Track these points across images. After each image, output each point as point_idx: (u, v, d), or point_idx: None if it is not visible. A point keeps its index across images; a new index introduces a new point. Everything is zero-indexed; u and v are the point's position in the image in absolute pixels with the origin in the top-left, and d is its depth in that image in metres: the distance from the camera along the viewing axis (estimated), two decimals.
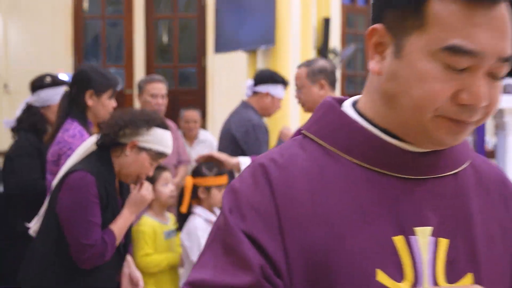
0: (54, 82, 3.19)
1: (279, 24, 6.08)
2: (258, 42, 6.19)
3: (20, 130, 3.14)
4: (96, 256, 2.34)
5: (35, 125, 3.14)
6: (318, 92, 3.16)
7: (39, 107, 3.19)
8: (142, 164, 2.52)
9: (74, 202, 2.34)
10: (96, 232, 2.35)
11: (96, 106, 2.96)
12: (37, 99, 3.18)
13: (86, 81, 2.94)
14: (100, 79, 2.96)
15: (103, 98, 2.97)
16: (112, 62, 10.11)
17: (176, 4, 9.81)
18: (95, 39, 10.14)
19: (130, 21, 9.69)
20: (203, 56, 9.61)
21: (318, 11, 9.67)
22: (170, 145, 2.62)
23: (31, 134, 3.12)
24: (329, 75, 3.17)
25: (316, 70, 3.18)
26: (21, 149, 3.09)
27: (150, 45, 9.71)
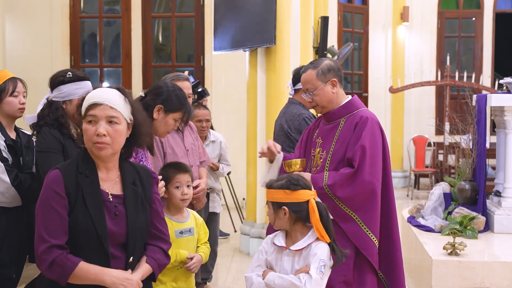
0: (75, 77, 3.21)
1: (279, 23, 6.09)
2: (258, 41, 6.19)
3: (43, 126, 3.15)
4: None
5: (57, 120, 3.16)
6: (331, 90, 3.25)
7: (60, 102, 3.20)
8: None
9: None
10: None
11: (158, 121, 3.14)
12: (58, 94, 3.20)
13: (163, 97, 3.15)
14: (175, 100, 3.16)
15: (169, 117, 3.15)
16: (109, 62, 10.10)
17: (174, 3, 9.81)
18: (92, 38, 10.13)
19: (128, 20, 9.67)
20: (202, 55, 9.62)
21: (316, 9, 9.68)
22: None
23: (55, 129, 3.14)
24: (337, 72, 3.28)
25: (325, 69, 3.26)
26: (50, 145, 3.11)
27: (147, 45, 9.71)
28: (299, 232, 2.73)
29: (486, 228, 4.88)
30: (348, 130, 3.22)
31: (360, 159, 3.13)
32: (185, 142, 3.93)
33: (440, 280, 4.08)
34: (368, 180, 3.13)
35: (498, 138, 5.23)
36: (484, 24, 11.63)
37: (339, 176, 3.16)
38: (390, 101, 11.64)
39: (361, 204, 3.17)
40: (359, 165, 3.12)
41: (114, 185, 2.41)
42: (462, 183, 5.08)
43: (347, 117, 3.26)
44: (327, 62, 3.29)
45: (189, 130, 4.06)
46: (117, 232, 2.33)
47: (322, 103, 3.29)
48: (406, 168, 11.52)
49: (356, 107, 3.29)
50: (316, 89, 3.26)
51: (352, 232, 3.18)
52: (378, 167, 3.18)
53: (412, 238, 5.00)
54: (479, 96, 5.10)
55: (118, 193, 2.40)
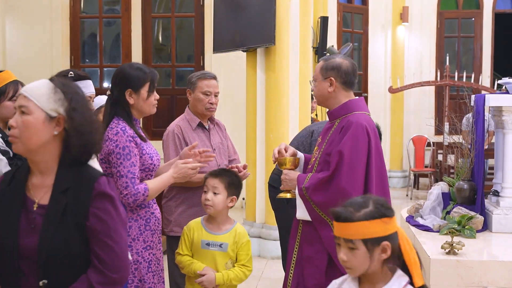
0: (77, 76, 3.21)
1: (278, 23, 6.11)
2: (258, 41, 6.20)
3: None
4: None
5: None
6: (327, 88, 3.16)
7: None
8: None
9: None
10: None
11: (137, 102, 3.05)
12: None
13: (124, 81, 3.03)
14: (136, 75, 3.04)
15: (142, 93, 3.04)
16: (109, 62, 10.12)
17: (174, 3, 9.83)
18: (92, 38, 10.15)
19: (127, 20, 9.70)
20: (201, 55, 9.64)
21: (315, 10, 9.70)
22: None
23: None
24: (341, 74, 3.14)
25: (329, 66, 3.16)
26: None
27: (147, 45, 9.73)
28: (382, 274, 2.05)
29: (484, 228, 4.90)
30: (337, 132, 3.11)
31: (336, 165, 2.99)
32: (212, 141, 3.90)
33: (438, 279, 4.10)
34: (343, 187, 2.96)
35: (496, 138, 5.25)
36: (484, 24, 11.66)
37: (315, 179, 3.05)
38: (389, 101, 11.66)
39: None
40: (334, 171, 2.99)
41: (45, 193, 2.04)
42: (461, 182, 5.09)
43: (341, 119, 3.14)
44: (338, 60, 3.18)
45: (216, 129, 4.02)
46: (28, 247, 1.97)
47: (317, 96, 3.23)
48: (405, 168, 11.54)
49: (350, 109, 3.14)
50: (316, 80, 3.23)
51: (326, 237, 3.02)
52: (358, 175, 3.00)
53: (411, 238, 5.01)
54: (477, 96, 5.12)
55: (45, 202, 2.02)
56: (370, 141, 3.04)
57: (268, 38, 6.05)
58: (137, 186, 2.93)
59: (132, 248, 2.98)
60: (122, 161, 2.92)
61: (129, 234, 2.96)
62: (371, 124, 3.12)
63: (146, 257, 3.04)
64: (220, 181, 3.16)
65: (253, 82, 6.44)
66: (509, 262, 4.14)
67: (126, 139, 2.94)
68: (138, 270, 3.00)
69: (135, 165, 2.94)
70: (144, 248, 3.03)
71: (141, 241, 3.02)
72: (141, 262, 3.01)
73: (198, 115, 3.93)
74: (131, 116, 3.05)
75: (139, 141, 3.02)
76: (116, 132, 2.96)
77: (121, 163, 2.92)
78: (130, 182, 2.91)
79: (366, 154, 3.03)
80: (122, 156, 2.92)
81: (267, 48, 6.22)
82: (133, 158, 2.94)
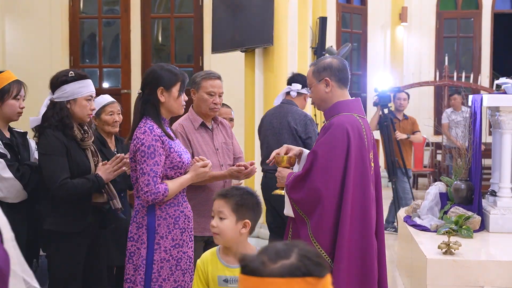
0: (78, 76, 3.24)
1: (277, 23, 6.12)
2: (256, 41, 6.22)
3: (47, 128, 3.17)
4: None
5: (62, 120, 3.19)
6: (324, 89, 3.15)
7: (64, 102, 3.22)
8: None
9: None
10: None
11: (168, 101, 3.13)
12: (62, 94, 3.22)
13: (157, 79, 3.13)
14: (168, 75, 3.14)
15: (173, 92, 3.13)
16: (108, 62, 10.13)
17: (173, 3, 9.84)
18: (91, 38, 10.17)
19: (127, 20, 9.71)
20: (201, 55, 9.65)
21: (314, 10, 9.70)
22: None
23: (58, 131, 3.17)
24: (334, 72, 3.14)
25: (321, 67, 3.18)
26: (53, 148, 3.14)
27: (146, 45, 9.74)
28: None
29: (482, 228, 4.91)
30: (322, 134, 3.11)
31: (309, 165, 3.01)
32: (215, 141, 3.91)
33: (434, 279, 4.11)
34: (316, 187, 2.97)
35: (493, 138, 5.26)
36: (483, 24, 11.68)
37: (293, 178, 3.08)
38: None
39: (309, 209, 3.03)
40: (307, 170, 3.01)
41: None
42: (458, 182, 5.10)
43: (329, 120, 3.14)
44: (328, 60, 3.20)
45: (220, 128, 4.02)
46: None
47: (316, 100, 3.24)
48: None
49: (337, 111, 3.12)
50: (311, 86, 3.24)
51: (304, 236, 3.01)
52: (332, 176, 2.98)
53: (408, 238, 5.03)
54: (474, 96, 5.13)
55: None
56: (350, 143, 3.00)
57: (266, 38, 6.07)
58: (158, 185, 3.00)
59: (160, 246, 3.05)
60: (146, 159, 3.00)
61: (157, 232, 3.05)
62: (356, 126, 3.07)
63: (175, 255, 3.09)
64: (226, 203, 2.63)
65: (252, 82, 6.46)
66: (506, 262, 4.15)
67: (153, 138, 3.02)
68: (164, 269, 3.05)
69: (159, 164, 3.02)
70: (173, 246, 3.09)
71: (169, 239, 3.08)
72: (169, 260, 3.07)
73: (202, 115, 3.93)
74: (160, 115, 3.14)
75: (167, 140, 3.09)
76: (144, 131, 3.04)
77: (144, 161, 3.00)
78: (152, 180, 2.99)
79: (344, 156, 2.99)
80: (146, 155, 3.00)
81: (265, 48, 6.24)
82: (158, 157, 3.02)
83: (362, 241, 3.04)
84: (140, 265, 3.04)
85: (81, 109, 3.29)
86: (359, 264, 3.04)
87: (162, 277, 3.05)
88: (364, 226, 3.04)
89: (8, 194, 3.27)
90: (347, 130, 3.01)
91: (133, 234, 3.12)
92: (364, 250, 3.05)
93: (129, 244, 3.13)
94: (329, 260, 3.01)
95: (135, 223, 3.11)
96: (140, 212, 3.09)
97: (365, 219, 3.05)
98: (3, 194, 3.25)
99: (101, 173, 3.28)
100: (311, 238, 3.02)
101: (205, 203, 3.66)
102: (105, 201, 3.36)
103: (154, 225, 3.06)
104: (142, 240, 3.06)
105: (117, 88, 9.50)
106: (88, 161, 3.33)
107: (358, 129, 3.06)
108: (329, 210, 2.99)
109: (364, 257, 3.05)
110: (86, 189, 3.23)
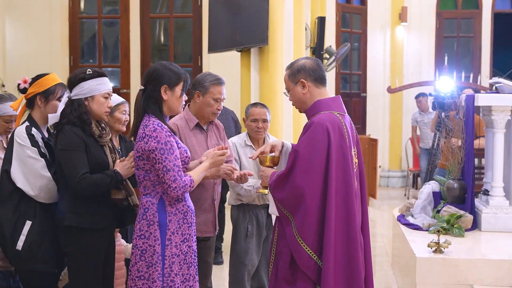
0: (96, 74, 3.30)
1: (272, 23, 6.13)
2: (251, 41, 6.23)
3: (66, 124, 3.21)
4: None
5: (81, 117, 3.23)
6: (301, 91, 3.18)
7: (82, 99, 3.27)
8: None
9: None
10: None
11: (170, 99, 3.18)
12: (80, 91, 3.26)
13: (161, 77, 3.16)
14: (172, 74, 3.18)
15: (176, 91, 3.18)
16: (108, 62, 10.17)
17: (172, 3, 9.87)
18: (91, 38, 10.21)
19: (126, 20, 9.74)
20: (199, 55, 9.68)
21: (313, 10, 9.72)
22: None
23: (77, 127, 3.21)
24: (309, 72, 3.17)
25: (295, 70, 3.21)
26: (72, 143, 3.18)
27: (146, 45, 9.77)
28: None
29: (474, 227, 4.93)
30: (302, 133, 3.14)
31: (291, 163, 3.04)
32: (208, 143, 3.93)
33: (424, 277, 4.13)
34: (299, 185, 3.00)
35: (486, 137, 5.28)
36: (483, 24, 11.65)
37: (276, 177, 3.12)
38: (388, 101, 11.67)
39: (293, 208, 3.05)
40: (289, 169, 3.04)
41: None
42: (451, 182, 5.12)
43: (311, 118, 3.16)
44: (301, 62, 3.22)
45: (214, 130, 4.04)
46: None
47: (296, 103, 3.26)
48: (404, 168, 11.55)
49: (317, 109, 3.15)
50: (289, 89, 3.26)
51: (288, 234, 3.07)
52: (314, 174, 3.00)
53: (401, 237, 5.05)
54: (467, 95, 5.15)
55: None
56: (330, 141, 3.01)
57: (261, 38, 6.08)
58: (184, 178, 3.06)
59: (172, 241, 3.07)
60: (167, 155, 3.02)
61: (169, 228, 3.08)
62: (337, 124, 3.08)
63: (184, 249, 3.14)
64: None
65: (247, 81, 6.47)
66: (495, 260, 4.17)
67: (166, 134, 3.05)
68: (175, 264, 3.08)
69: (178, 158, 3.07)
70: (182, 241, 3.13)
71: (179, 234, 3.12)
72: (178, 255, 3.10)
73: (200, 117, 3.94)
74: (162, 112, 3.18)
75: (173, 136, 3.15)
76: (154, 129, 3.04)
77: (166, 157, 3.02)
78: (178, 175, 3.03)
79: (325, 154, 3.01)
80: (166, 151, 3.02)
81: (260, 48, 6.25)
82: (176, 151, 3.06)
83: (347, 238, 3.05)
84: (156, 261, 3.05)
85: (99, 106, 3.31)
86: (345, 260, 3.05)
87: (174, 272, 3.07)
88: (348, 222, 3.05)
89: (42, 194, 3.30)
90: (327, 128, 3.03)
91: (143, 231, 3.09)
92: (350, 246, 3.06)
93: (139, 242, 3.10)
94: (315, 257, 3.02)
95: (145, 221, 3.09)
96: (150, 209, 3.09)
97: (349, 215, 3.06)
98: (34, 193, 3.30)
99: (119, 169, 3.29)
100: (296, 237, 3.03)
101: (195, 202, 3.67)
102: (123, 197, 3.35)
103: (166, 221, 3.09)
104: (155, 237, 3.06)
105: (116, 88, 9.52)
106: (106, 157, 3.33)
107: (338, 127, 3.08)
108: (313, 208, 3.00)
109: (350, 253, 3.06)
110: (105, 184, 3.21)
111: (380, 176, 11.48)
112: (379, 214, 9.02)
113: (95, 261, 3.27)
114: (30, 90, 3.45)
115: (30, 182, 3.29)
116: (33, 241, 3.29)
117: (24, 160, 3.30)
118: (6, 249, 3.33)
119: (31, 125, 3.40)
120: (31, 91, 3.45)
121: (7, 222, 3.30)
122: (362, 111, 11.77)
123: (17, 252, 3.29)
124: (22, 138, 3.32)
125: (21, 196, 3.31)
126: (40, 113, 3.45)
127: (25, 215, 3.31)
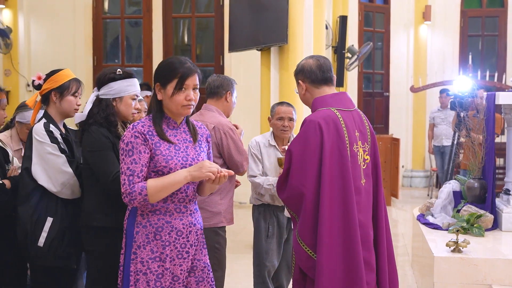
0: (125, 74, 3.29)
1: (292, 22, 6.14)
2: (271, 40, 6.25)
3: (92, 124, 3.22)
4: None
5: (108, 117, 3.24)
6: (301, 92, 3.21)
7: (110, 99, 3.29)
8: None
9: None
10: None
11: (164, 99, 2.83)
12: (108, 91, 3.25)
13: (155, 74, 2.88)
14: (164, 70, 2.83)
15: (168, 89, 2.80)
16: (131, 62, 10.25)
17: (194, 3, 9.92)
18: (114, 38, 10.30)
19: (149, 21, 9.82)
20: (221, 54, 9.71)
21: (335, 9, 9.71)
22: None
23: (103, 128, 3.22)
24: (306, 74, 3.15)
25: (296, 71, 3.24)
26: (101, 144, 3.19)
27: (168, 45, 9.84)
28: None
29: (495, 226, 4.87)
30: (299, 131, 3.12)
31: (287, 164, 3.01)
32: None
33: (442, 276, 4.10)
34: (296, 185, 2.96)
35: (508, 136, 5.21)
36: (508, 22, 11.51)
37: (278, 178, 3.13)
38: (411, 101, 11.59)
39: (296, 208, 3.02)
40: (286, 169, 3.01)
41: None
42: (471, 181, 5.07)
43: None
44: (300, 64, 3.21)
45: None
46: None
47: (302, 102, 3.28)
48: (427, 167, 11.46)
49: (314, 107, 3.12)
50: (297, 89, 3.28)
51: (293, 236, 3.08)
52: (308, 173, 2.95)
53: (420, 236, 5.01)
54: (488, 94, 5.09)
55: None
56: (323, 137, 2.95)
57: (281, 37, 6.09)
58: (133, 185, 2.69)
59: (137, 256, 2.79)
60: (124, 157, 2.74)
61: (135, 241, 2.79)
62: (332, 119, 3.01)
63: (154, 269, 2.79)
64: None
65: (267, 80, 6.49)
66: None
67: (132, 134, 2.74)
68: (140, 282, 2.78)
69: (137, 163, 2.71)
70: (151, 258, 2.78)
71: (147, 250, 2.78)
72: (146, 273, 2.78)
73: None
74: (162, 112, 2.85)
75: (156, 140, 2.77)
76: (128, 128, 2.82)
77: (123, 159, 2.74)
78: (127, 180, 2.70)
79: (318, 151, 2.95)
80: (124, 152, 2.74)
81: (280, 46, 6.26)
82: (136, 155, 2.71)
83: (343, 235, 2.95)
84: (120, 273, 2.87)
85: (127, 108, 3.29)
86: (342, 258, 2.95)
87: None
88: (345, 219, 2.96)
89: (65, 190, 3.31)
90: (318, 124, 2.97)
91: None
92: (347, 244, 2.96)
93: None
94: (315, 257, 2.95)
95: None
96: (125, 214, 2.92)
97: (347, 212, 2.96)
98: (56, 189, 3.30)
99: None
100: (297, 236, 3.01)
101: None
102: None
103: (133, 232, 2.79)
104: (121, 246, 2.90)
105: None
106: None
107: (334, 122, 3.00)
108: (309, 206, 2.95)
109: (348, 251, 2.96)
110: None
111: (403, 176, 11.41)
112: (401, 214, 8.96)
113: (115, 260, 3.14)
114: (45, 86, 3.45)
115: (52, 179, 3.30)
116: (54, 237, 3.31)
117: (44, 157, 3.30)
118: (27, 245, 3.35)
119: (48, 121, 3.40)
120: (46, 87, 3.45)
121: (28, 219, 3.32)
122: (385, 110, 11.70)
123: (39, 248, 3.31)
124: (41, 135, 3.31)
125: (42, 193, 3.33)
126: (56, 109, 3.45)
127: (47, 212, 3.32)
